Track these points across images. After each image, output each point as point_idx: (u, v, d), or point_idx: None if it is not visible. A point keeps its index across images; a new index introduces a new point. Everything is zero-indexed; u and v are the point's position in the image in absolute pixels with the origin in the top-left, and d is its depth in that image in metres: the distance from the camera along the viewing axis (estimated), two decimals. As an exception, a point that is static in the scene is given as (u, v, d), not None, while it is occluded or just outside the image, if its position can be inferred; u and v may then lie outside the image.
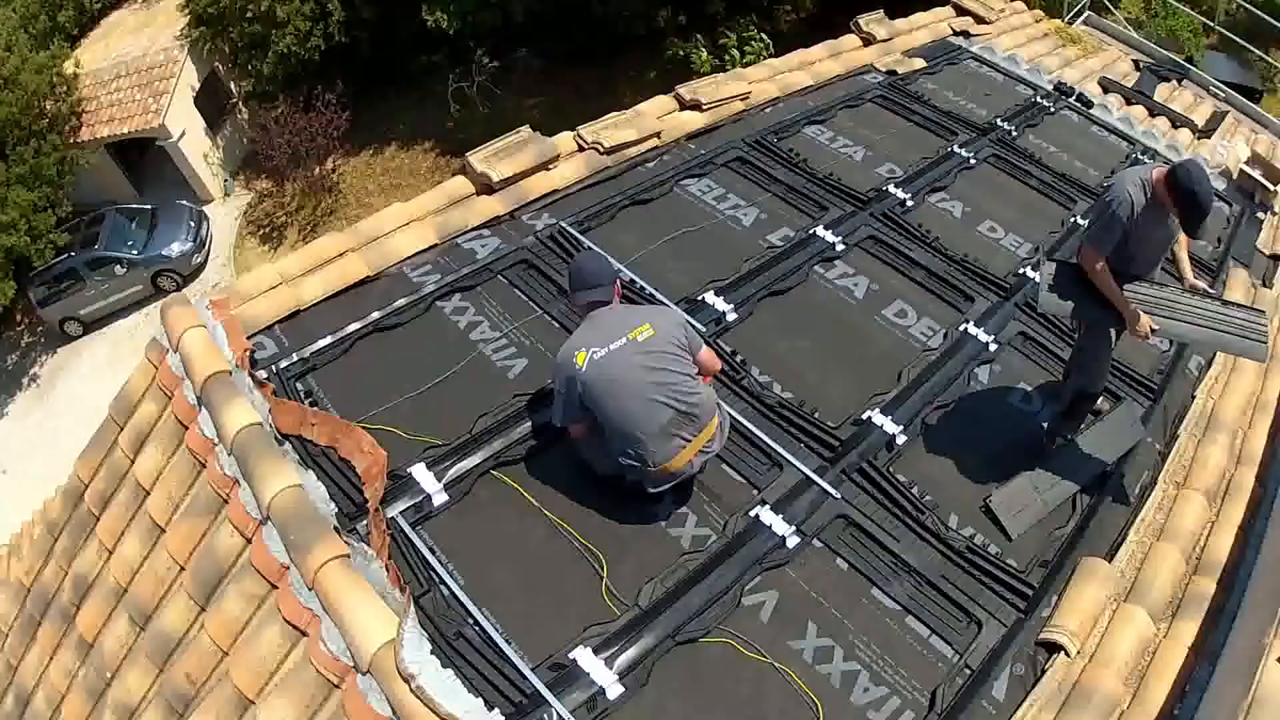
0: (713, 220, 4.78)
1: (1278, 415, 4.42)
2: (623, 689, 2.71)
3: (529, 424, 3.47)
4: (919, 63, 6.62)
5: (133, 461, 3.53)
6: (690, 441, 3.04)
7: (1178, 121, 6.92)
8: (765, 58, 13.91)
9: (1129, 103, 6.94)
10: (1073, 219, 5.35)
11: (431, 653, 2.58)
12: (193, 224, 15.24)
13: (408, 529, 3.04)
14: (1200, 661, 3.02)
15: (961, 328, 4.33)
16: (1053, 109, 6.50)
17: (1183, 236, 3.68)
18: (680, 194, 4.95)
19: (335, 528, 2.88)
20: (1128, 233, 3.39)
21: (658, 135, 5.22)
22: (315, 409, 3.29)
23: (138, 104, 15.41)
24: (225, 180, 16.97)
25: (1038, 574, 3.33)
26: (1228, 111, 7.14)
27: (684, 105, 5.58)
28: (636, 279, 4.18)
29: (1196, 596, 3.32)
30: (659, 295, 4.13)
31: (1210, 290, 3.72)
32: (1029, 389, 4.15)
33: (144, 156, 16.76)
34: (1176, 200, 3.28)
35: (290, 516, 2.87)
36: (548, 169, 4.79)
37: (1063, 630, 3.07)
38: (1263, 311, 3.71)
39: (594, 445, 3.18)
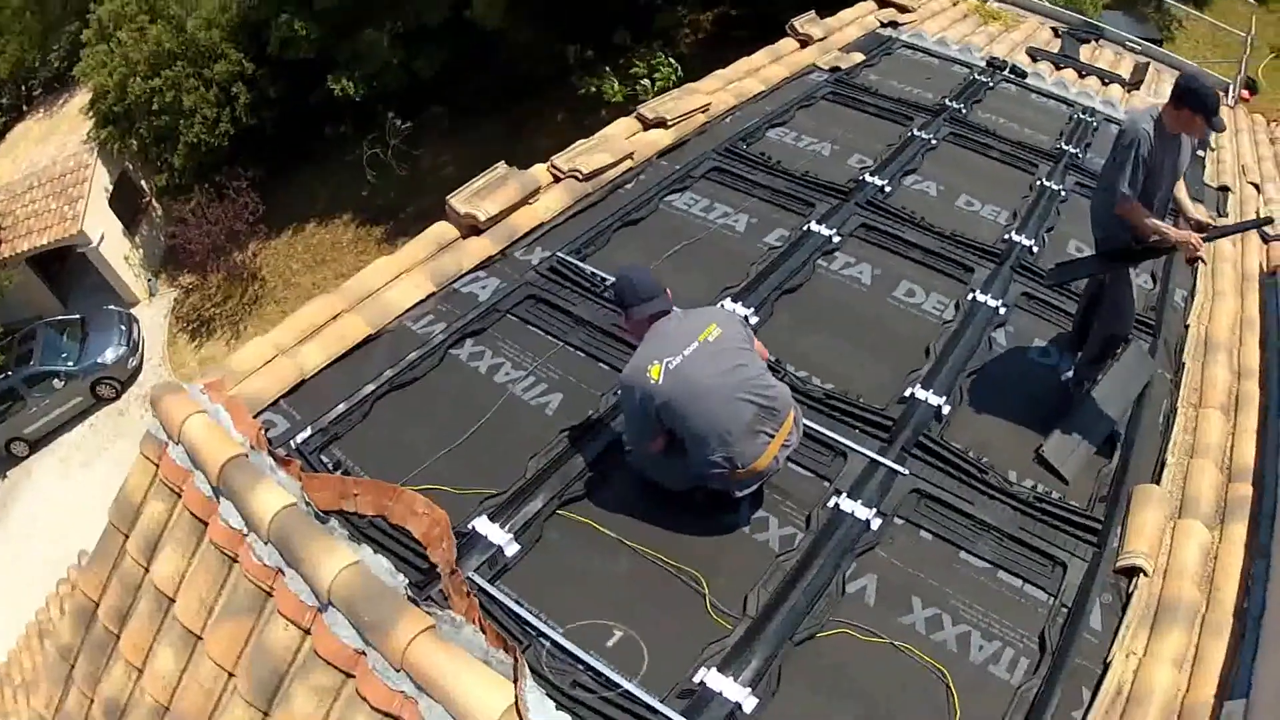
0: (707, 231, 4.69)
1: (1263, 329, 4.72)
2: (757, 701, 2.60)
3: (582, 457, 3.26)
4: (858, 56, 6.73)
5: (147, 569, 3.16)
6: (774, 437, 2.93)
7: (1106, 79, 7.23)
8: (675, 81, 14.14)
9: (1058, 68, 7.20)
10: (1038, 182, 5.46)
11: (558, 708, 2.33)
12: (123, 328, 14.60)
13: (487, 586, 2.79)
14: (1254, 557, 3.30)
15: (970, 297, 4.38)
16: (991, 84, 6.69)
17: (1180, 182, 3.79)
18: (667, 210, 4.84)
19: (410, 599, 2.60)
20: (1149, 168, 3.47)
21: (630, 156, 5.12)
22: (355, 478, 3.00)
23: (54, 213, 14.88)
24: (149, 280, 16.40)
25: (1100, 509, 3.43)
26: (1148, 63, 7.49)
27: (648, 124, 5.50)
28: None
29: (1237, 500, 3.60)
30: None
31: (1213, 220, 3.82)
32: (1044, 344, 4.24)
33: (65, 266, 16.16)
34: (1189, 102, 3.38)
35: (358, 597, 2.57)
36: (530, 202, 4.62)
37: (1136, 554, 3.21)
38: None
39: (666, 462, 3.03)
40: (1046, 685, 2.77)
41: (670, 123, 5.46)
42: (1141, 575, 3.16)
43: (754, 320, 4.02)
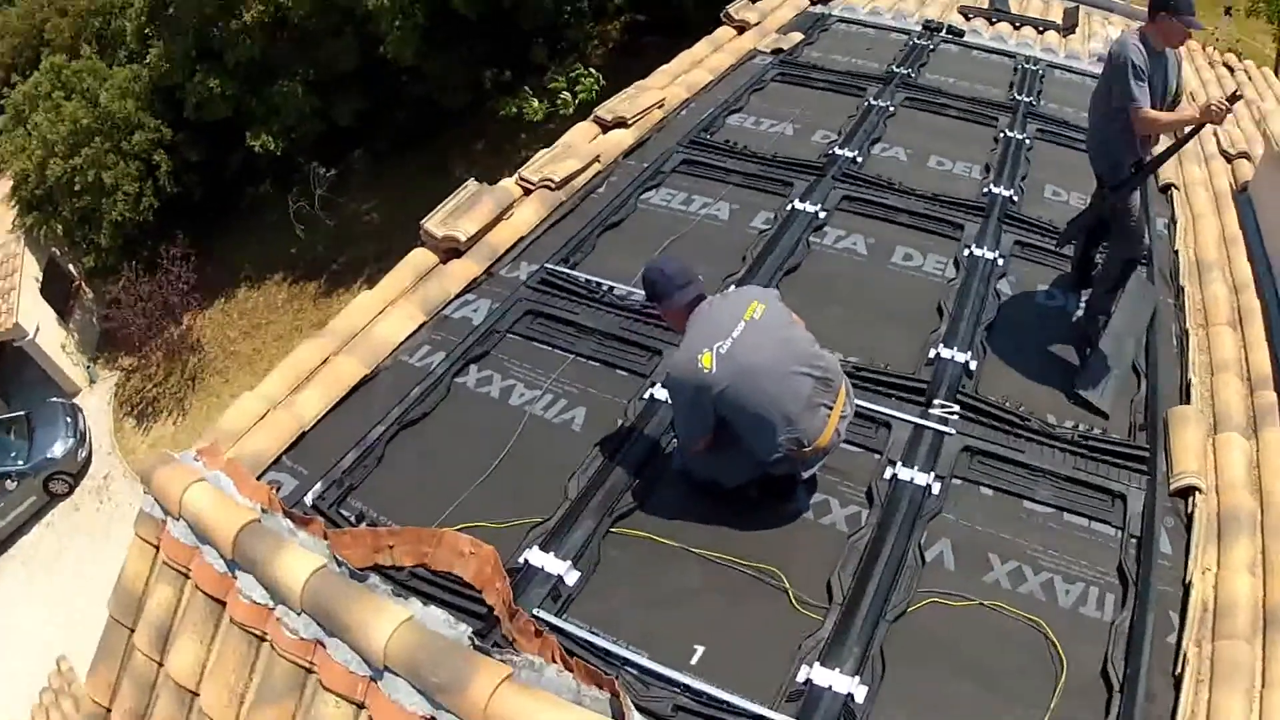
0: (691, 223, 4.51)
1: (1247, 243, 4.78)
2: (866, 689, 2.46)
3: (623, 469, 3.03)
4: (797, 36, 6.67)
5: (161, 663, 2.81)
6: (832, 409, 2.77)
7: (1040, 27, 7.31)
8: (597, 91, 14.01)
9: (992, 23, 7.26)
10: (1001, 134, 5.44)
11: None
12: (69, 420, 13.73)
13: (555, 620, 2.53)
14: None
15: (966, 252, 4.31)
16: (932, 46, 6.69)
17: None
18: (646, 208, 4.66)
19: (478, 649, 2.33)
20: (1149, 77, 3.44)
21: (598, 159, 4.92)
22: (387, 528, 2.72)
23: (-14, 309, 13.98)
24: (88, 367, 15.55)
25: (1142, 437, 3.41)
26: (1077, 6, 7.60)
27: (607, 126, 5.31)
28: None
29: (1265, 407, 3.62)
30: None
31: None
32: (1047, 288, 4.19)
33: (1, 361, 15.19)
34: (1161, 5, 3.36)
35: (419, 656, 2.29)
36: (506, 218, 4.38)
37: (1187, 474, 3.20)
38: None
39: (719, 458, 2.84)
40: (1138, 616, 2.72)
41: (630, 121, 5.28)
42: (1197, 493, 3.15)
43: (763, 303, 3.86)
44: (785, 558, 2.79)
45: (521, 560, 2.70)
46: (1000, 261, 4.23)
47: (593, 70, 14.26)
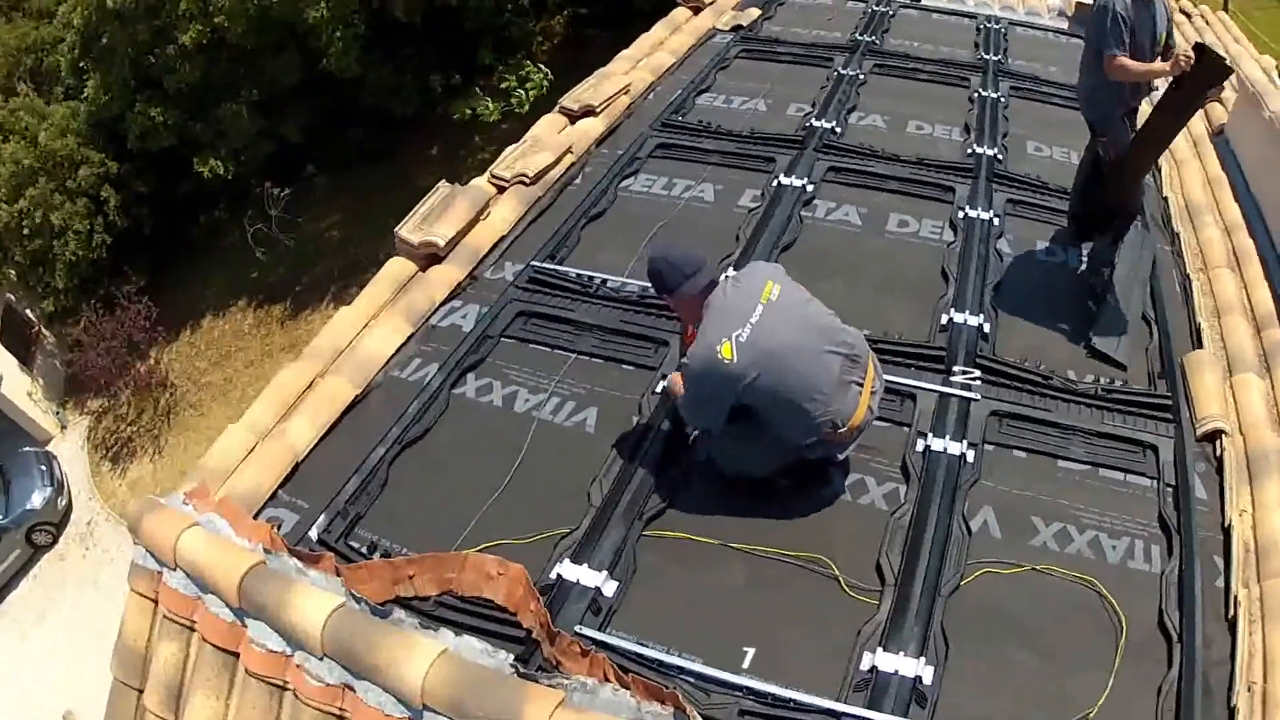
0: (677, 207, 4.34)
1: (1231, 184, 4.74)
2: (932, 668, 2.35)
3: (645, 468, 2.86)
4: (754, 11, 6.54)
5: (175, 727, 2.58)
6: (863, 385, 2.63)
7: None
8: (548, 86, 13.77)
9: (947, -15, 7.19)
10: (975, 94, 5.36)
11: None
12: (44, 469, 13.13)
13: (599, 635, 2.36)
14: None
15: (961, 214, 4.21)
16: (891, 12, 6.60)
17: None
18: (627, 196, 4.48)
19: (524, 675, 2.15)
20: (1132, 27, 3.37)
21: (570, 150, 4.73)
22: (404, 557, 2.51)
23: (-51, 363, 13.29)
24: (57, 413, 14.90)
25: (1162, 385, 3.35)
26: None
27: (575, 116, 5.12)
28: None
29: (1274, 346, 3.59)
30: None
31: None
32: (1046, 244, 4.11)
33: None
34: None
35: (461, 690, 2.10)
36: (483, 218, 4.17)
37: (1211, 418, 3.16)
38: None
39: (749, 447, 2.70)
40: (1185, 564, 2.66)
41: (599, 109, 5.09)
42: (1224, 436, 3.10)
43: (765, 283, 3.72)
44: (829, 543, 2.66)
45: (554, 576, 2.52)
46: (996, 221, 4.13)
47: (542, 66, 14.02)
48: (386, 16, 12.74)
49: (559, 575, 2.51)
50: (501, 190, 4.44)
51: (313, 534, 2.72)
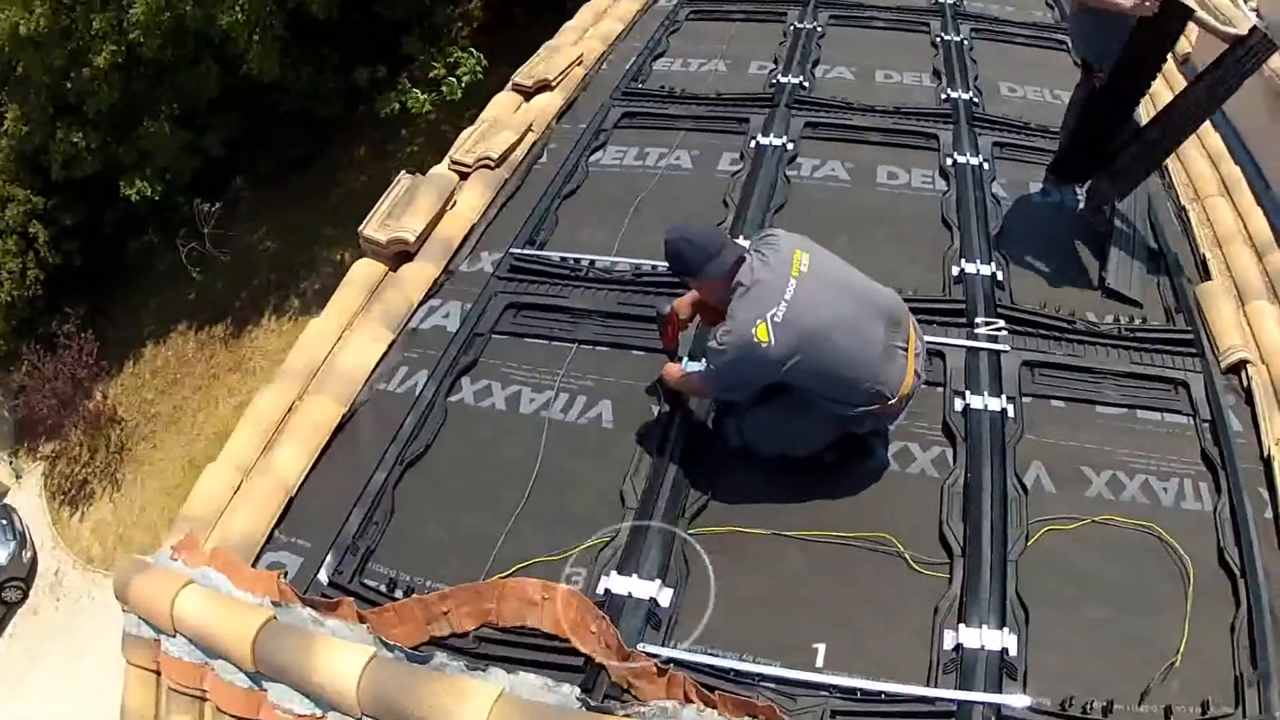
0: (654, 178, 4.09)
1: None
2: (1015, 636, 2.22)
3: (676, 461, 2.62)
4: (697, -28, 6.26)
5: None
6: (906, 349, 2.44)
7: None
8: (480, 71, 13.28)
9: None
10: (938, 39, 5.20)
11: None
12: (4, 522, 12.35)
13: (666, 651, 2.13)
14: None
15: (949, 161, 4.05)
16: (838, -38, 6.39)
17: None
18: (599, 170, 4.20)
19: (596, 708, 1.92)
20: None
21: (531, 128, 4.43)
22: (437, 593, 2.24)
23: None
24: (10, 463, 14.10)
25: (1180, 320, 3.28)
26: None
27: (530, 93, 4.80)
28: (656, 264, 3.41)
29: (1278, 269, 3.54)
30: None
31: None
32: (1039, 185, 3.96)
33: None
34: None
35: (528, 736, 1.86)
36: (450, 208, 3.86)
37: (1234, 349, 3.10)
38: None
39: (791, 426, 2.51)
40: (1236, 499, 2.59)
41: (554, 83, 4.79)
42: (1249, 366, 3.03)
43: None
44: (886, 518, 2.49)
45: (601, 591, 2.28)
46: (986, 166, 3.98)
47: (472, 51, 13.51)
48: (303, 15, 12.15)
49: (607, 590, 2.27)
50: (464, 176, 4.12)
51: (322, 577, 2.41)
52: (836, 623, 2.26)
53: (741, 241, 3.25)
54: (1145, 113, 3.93)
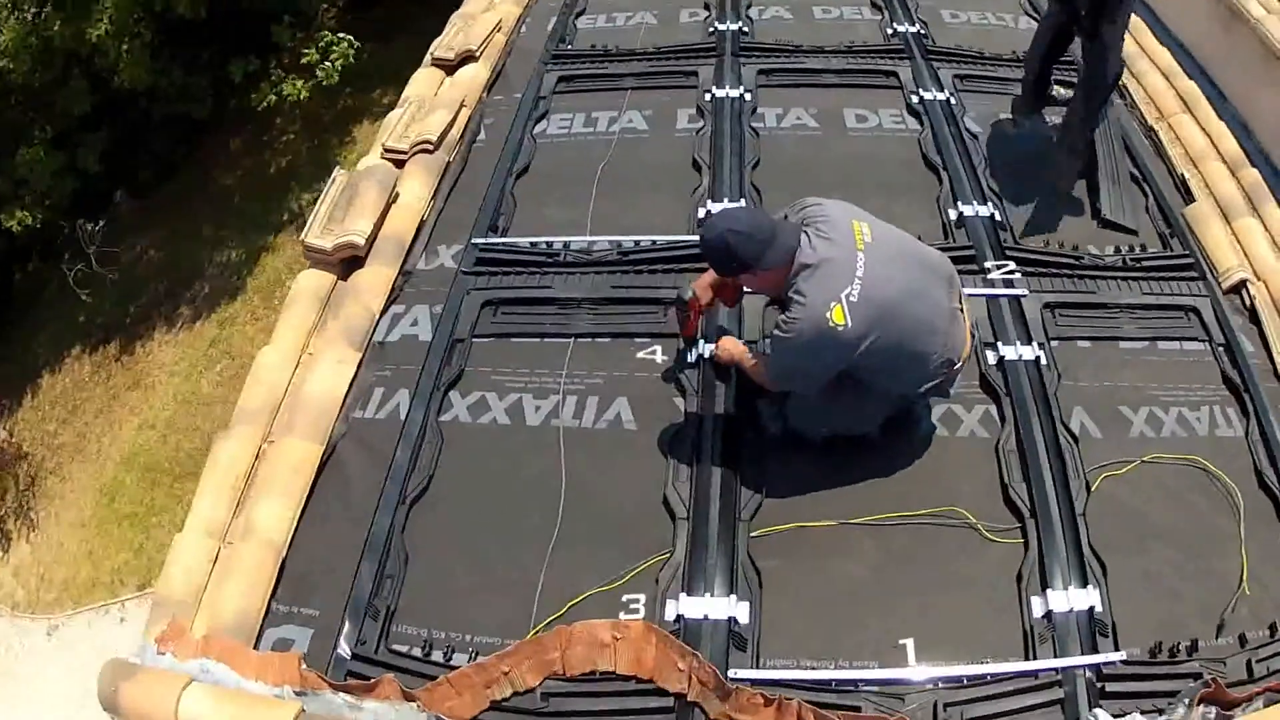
0: (611, 142, 3.76)
1: (1149, 27, 4.58)
2: (1098, 592, 2.15)
3: (715, 459, 2.39)
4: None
5: None
6: (963, 309, 2.30)
7: None
8: (354, 54, 12.52)
9: None
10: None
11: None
12: None
13: (759, 674, 1.94)
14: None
15: (915, 98, 3.88)
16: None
17: None
18: (547, 142, 3.84)
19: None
20: None
21: (464, 104, 4.02)
22: (496, 655, 1.93)
23: None
24: None
25: (1176, 244, 3.22)
26: None
27: (452, 66, 4.36)
28: (640, 239, 3.12)
29: (1252, 185, 3.48)
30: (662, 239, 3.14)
31: None
32: (1008, 116, 3.82)
33: None
34: None
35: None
36: (394, 202, 3.44)
37: (1232, 269, 3.08)
38: None
39: (848, 406, 2.31)
40: (1258, 418, 2.59)
41: (479, 53, 4.37)
42: (1249, 285, 3.01)
43: (750, 212, 3.27)
44: (947, 489, 2.35)
45: (672, 618, 2.04)
46: (953, 100, 3.83)
47: (342, 34, 12.72)
48: (171, 18, 11.28)
49: (680, 616, 2.04)
50: (401, 164, 3.69)
51: (344, 650, 2.07)
52: (924, 609, 2.12)
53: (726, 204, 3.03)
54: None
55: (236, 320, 11.45)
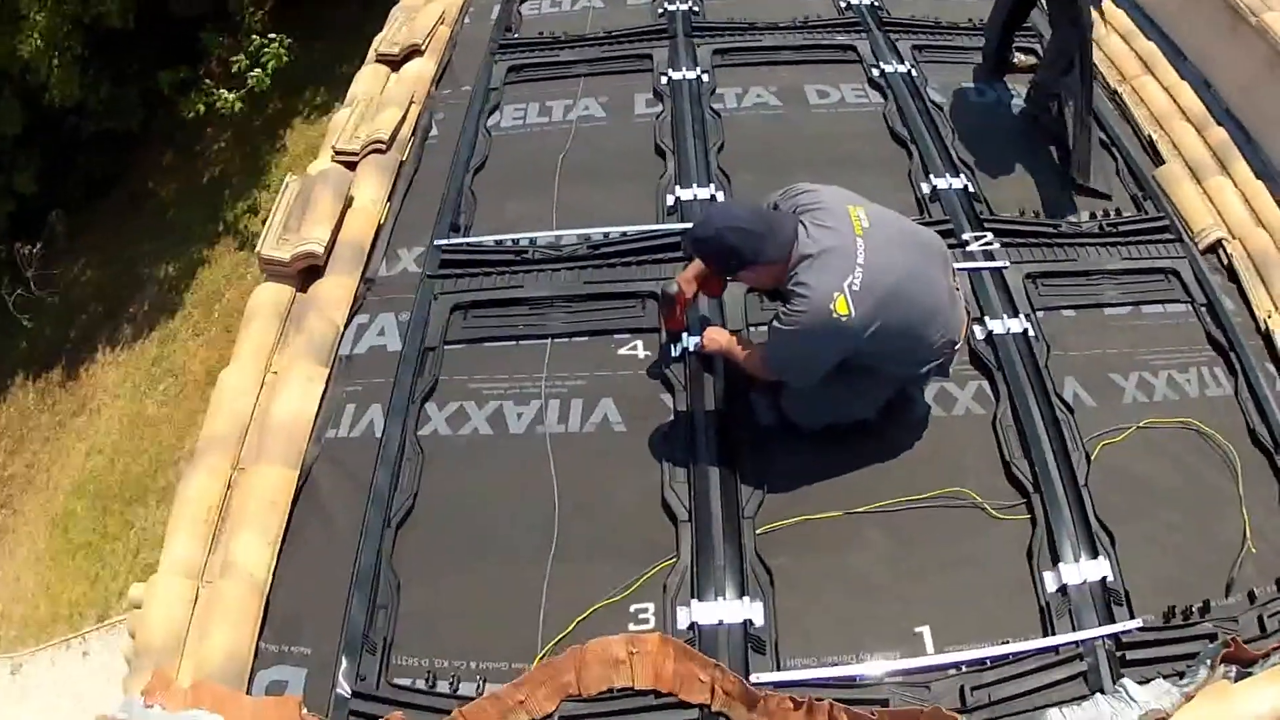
0: (569, 132, 3.64)
1: None
2: (1108, 561, 2.14)
3: (709, 458, 2.32)
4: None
5: None
6: (959, 289, 2.26)
7: None
8: (286, 56, 12.08)
9: None
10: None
11: None
12: None
13: (781, 676, 1.90)
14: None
15: (876, 72, 3.82)
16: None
17: None
18: (503, 135, 3.70)
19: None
20: None
21: (414, 100, 3.84)
22: (511, 684, 1.84)
23: None
24: None
25: (1149, 206, 3.21)
26: None
27: (397, 62, 4.17)
28: (609, 230, 3.02)
29: (1220, 144, 3.49)
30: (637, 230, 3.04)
31: None
32: (971, 85, 3.80)
33: None
34: None
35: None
36: (351, 206, 3.28)
37: (1207, 230, 3.08)
38: None
39: (846, 393, 2.27)
40: (1245, 376, 2.61)
41: (424, 46, 4.19)
42: (1223, 243, 3.04)
43: (721, 196, 3.18)
44: (949, 469, 2.32)
45: (686, 625, 1.97)
46: (914, 72, 3.78)
47: (274, 36, 12.23)
48: (100, 29, 10.73)
49: (694, 624, 1.97)
50: (352, 166, 3.52)
51: (343, 688, 1.96)
52: (938, 593, 2.09)
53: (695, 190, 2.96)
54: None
55: (178, 337, 11.03)
